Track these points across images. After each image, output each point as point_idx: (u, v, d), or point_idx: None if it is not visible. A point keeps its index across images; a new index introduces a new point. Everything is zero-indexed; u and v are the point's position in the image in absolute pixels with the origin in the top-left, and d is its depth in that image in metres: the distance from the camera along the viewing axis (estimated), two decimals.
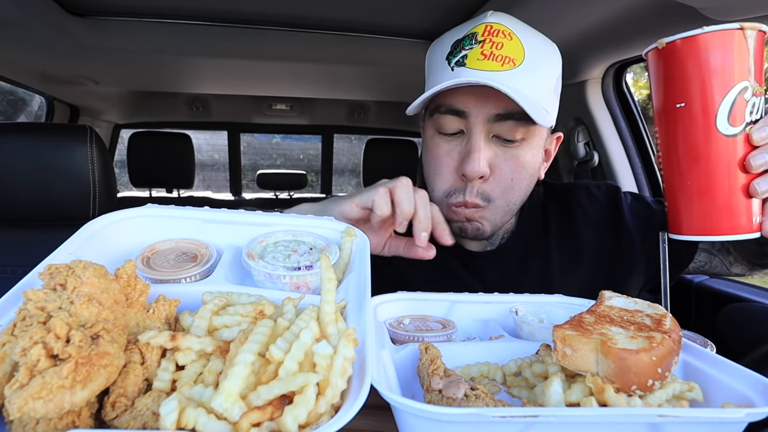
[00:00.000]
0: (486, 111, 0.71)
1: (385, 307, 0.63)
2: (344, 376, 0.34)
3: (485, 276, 0.87)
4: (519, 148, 0.74)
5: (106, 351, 0.34)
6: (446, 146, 0.76)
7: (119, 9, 1.40)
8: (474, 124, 0.72)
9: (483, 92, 0.69)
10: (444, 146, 0.76)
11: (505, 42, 0.69)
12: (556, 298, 0.66)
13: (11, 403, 0.30)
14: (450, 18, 1.42)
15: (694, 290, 1.46)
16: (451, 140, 0.75)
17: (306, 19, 1.47)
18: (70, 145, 1.09)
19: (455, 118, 0.73)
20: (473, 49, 0.70)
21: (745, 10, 0.93)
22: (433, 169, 0.78)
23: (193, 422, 0.31)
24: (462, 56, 0.70)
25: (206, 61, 1.77)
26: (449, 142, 0.75)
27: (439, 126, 0.75)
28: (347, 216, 0.66)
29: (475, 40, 0.70)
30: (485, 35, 0.70)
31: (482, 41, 0.70)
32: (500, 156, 0.73)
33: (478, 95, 0.70)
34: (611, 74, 1.57)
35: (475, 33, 0.71)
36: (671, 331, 0.43)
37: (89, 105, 2.53)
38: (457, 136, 0.75)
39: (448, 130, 0.75)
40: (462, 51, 0.71)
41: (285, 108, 2.82)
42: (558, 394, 0.40)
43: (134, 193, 2.96)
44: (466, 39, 0.72)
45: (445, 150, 0.76)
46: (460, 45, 0.72)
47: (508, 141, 0.73)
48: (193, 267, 0.54)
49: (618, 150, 1.62)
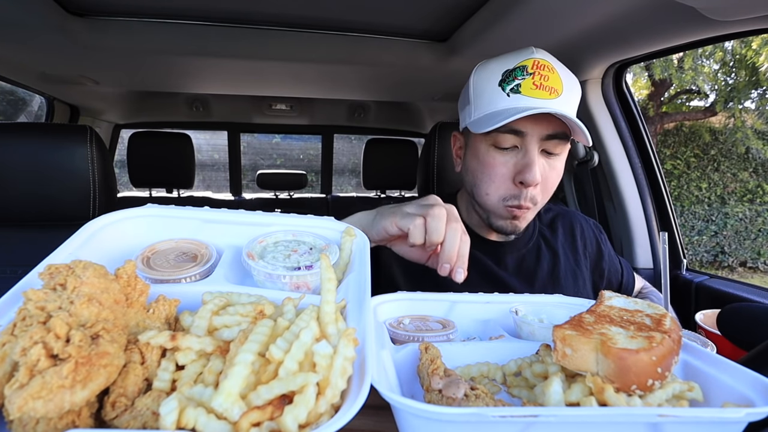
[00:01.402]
0: (539, 131, 0.85)
1: (385, 307, 0.63)
2: (344, 375, 0.34)
3: (506, 260, 1.00)
4: (557, 160, 0.90)
5: (106, 351, 0.34)
6: (502, 158, 0.88)
7: (119, 9, 1.39)
8: (530, 142, 0.85)
9: (538, 116, 0.83)
10: (500, 158, 0.88)
11: (550, 75, 0.84)
12: (556, 298, 0.66)
13: (11, 403, 0.30)
14: (450, 18, 1.42)
15: (694, 290, 1.46)
16: (506, 153, 0.88)
17: (306, 19, 1.47)
18: (70, 145, 1.09)
19: (513, 136, 0.86)
20: (525, 79, 0.83)
21: (745, 10, 0.93)
22: (489, 177, 0.90)
23: (193, 422, 0.31)
24: (516, 84, 0.84)
25: (206, 61, 1.77)
26: (504, 155, 0.88)
27: (497, 142, 0.87)
28: (388, 233, 0.72)
29: (526, 72, 0.84)
30: (534, 68, 0.84)
31: (532, 73, 0.83)
32: (546, 167, 0.88)
33: (534, 119, 0.83)
34: (611, 74, 1.57)
35: (525, 66, 0.85)
36: (671, 330, 0.43)
37: (89, 105, 2.53)
38: (510, 150, 0.88)
39: (505, 145, 0.87)
40: (515, 80, 0.84)
41: (285, 108, 2.82)
42: (558, 394, 0.40)
43: (134, 193, 2.95)
44: (518, 70, 0.85)
45: (501, 161, 0.88)
46: (513, 74, 0.85)
47: (551, 154, 0.88)
48: (193, 267, 0.54)
49: (618, 150, 1.62)
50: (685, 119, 7.03)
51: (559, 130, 0.85)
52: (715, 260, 6.62)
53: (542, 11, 1.17)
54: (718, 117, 6.88)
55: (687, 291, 1.48)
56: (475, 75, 0.93)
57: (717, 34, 1.14)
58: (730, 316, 0.76)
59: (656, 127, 7.05)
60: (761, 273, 6.53)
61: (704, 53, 6.29)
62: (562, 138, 0.86)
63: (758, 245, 6.49)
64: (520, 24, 1.26)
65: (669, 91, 7.08)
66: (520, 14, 1.21)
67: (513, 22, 1.25)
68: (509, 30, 1.30)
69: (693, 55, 6.22)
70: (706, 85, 6.49)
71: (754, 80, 6.03)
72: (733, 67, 6.31)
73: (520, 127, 0.85)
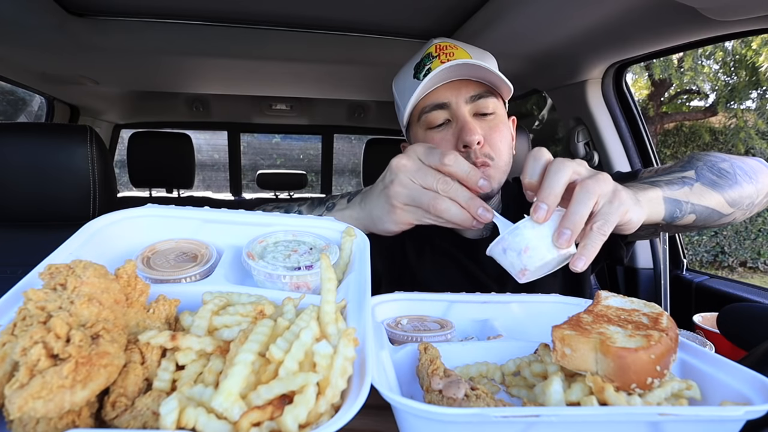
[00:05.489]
0: (463, 95, 0.87)
1: (383, 307, 0.63)
2: (344, 375, 0.34)
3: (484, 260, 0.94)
4: (494, 120, 0.89)
5: (106, 351, 0.34)
6: (439, 135, 0.89)
7: (119, 9, 1.39)
8: (457, 108, 0.87)
9: (455, 85, 0.87)
10: (437, 136, 0.89)
11: (455, 51, 0.88)
12: (552, 298, 0.67)
13: (11, 403, 0.30)
14: (450, 18, 1.42)
15: (694, 290, 1.46)
16: (441, 130, 0.89)
17: (306, 19, 1.47)
18: (70, 145, 1.09)
19: (440, 111, 0.88)
20: (433, 61, 0.87)
21: (745, 10, 0.93)
22: None
23: (193, 422, 0.31)
24: (426, 69, 0.87)
25: (206, 61, 1.77)
26: (440, 132, 0.89)
27: (429, 122, 0.89)
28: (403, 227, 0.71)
29: (431, 56, 0.88)
30: (438, 51, 0.88)
31: (437, 55, 0.87)
32: (485, 127, 0.88)
33: (452, 87, 0.87)
34: (611, 74, 1.57)
35: (429, 52, 0.89)
36: (668, 329, 0.43)
37: (89, 105, 2.53)
38: (444, 126, 0.89)
39: (437, 122, 0.89)
40: (425, 66, 0.87)
41: (285, 108, 2.82)
42: (558, 394, 0.40)
43: (134, 193, 2.95)
44: (425, 58, 0.89)
45: (440, 138, 0.89)
46: (422, 63, 0.89)
47: (485, 115, 0.89)
48: (193, 267, 0.54)
49: (618, 150, 1.62)
50: (685, 119, 7.02)
51: (481, 89, 0.88)
52: (715, 260, 6.61)
53: (542, 11, 1.17)
54: (719, 117, 6.88)
55: (687, 291, 1.48)
56: (394, 84, 0.99)
57: (717, 34, 1.14)
58: (730, 316, 0.76)
59: (656, 127, 7.05)
60: (761, 273, 6.53)
61: (704, 53, 6.29)
62: (488, 95, 0.88)
63: (758, 245, 6.49)
64: (520, 24, 1.26)
65: (669, 91, 7.08)
66: (519, 14, 1.21)
67: (513, 22, 1.25)
68: (509, 30, 1.30)
69: (693, 55, 6.22)
70: (706, 85, 6.49)
71: (754, 80, 6.02)
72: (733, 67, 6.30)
73: (443, 99, 0.87)
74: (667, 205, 0.73)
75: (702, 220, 0.79)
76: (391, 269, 0.98)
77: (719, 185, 0.79)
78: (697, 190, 0.77)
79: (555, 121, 4.64)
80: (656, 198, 0.72)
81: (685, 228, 0.83)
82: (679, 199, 0.74)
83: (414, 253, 0.99)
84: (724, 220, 0.81)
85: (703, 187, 0.78)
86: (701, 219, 0.78)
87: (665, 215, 0.73)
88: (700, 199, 0.77)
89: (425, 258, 0.99)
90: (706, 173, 0.80)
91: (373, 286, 0.51)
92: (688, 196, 0.76)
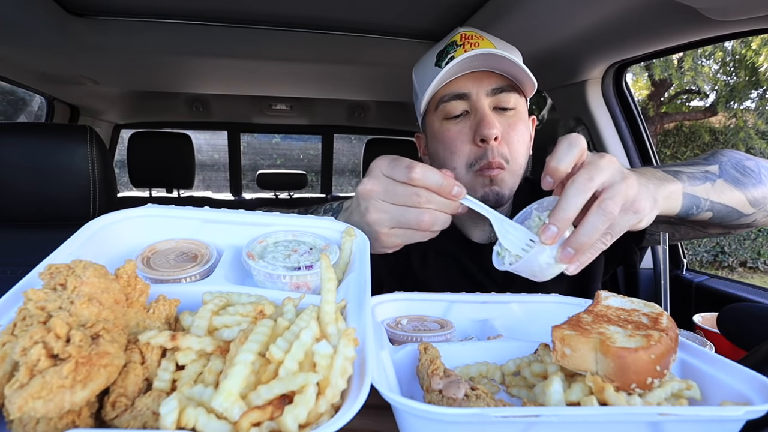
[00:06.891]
0: (484, 87, 0.85)
1: (383, 307, 0.63)
2: (344, 375, 0.34)
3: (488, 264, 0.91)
4: (515, 117, 0.87)
5: (106, 351, 0.34)
6: (456, 127, 0.87)
7: (119, 9, 1.39)
8: (477, 100, 0.85)
9: (477, 75, 0.85)
10: (454, 128, 0.87)
11: (480, 41, 0.85)
12: (552, 298, 0.67)
13: (11, 403, 0.30)
14: (450, 18, 1.42)
15: (694, 290, 1.46)
16: (459, 122, 0.87)
17: (306, 19, 1.47)
18: (70, 145, 1.09)
19: (459, 101, 0.86)
20: (457, 50, 0.84)
21: (745, 10, 0.93)
22: (450, 150, 0.87)
23: (193, 422, 0.31)
24: (449, 57, 0.83)
25: (206, 61, 1.77)
26: (458, 123, 0.87)
27: (447, 113, 0.87)
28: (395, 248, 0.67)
29: (456, 44, 0.85)
30: (463, 39, 0.85)
31: (462, 44, 0.84)
32: (504, 123, 0.86)
33: (474, 78, 0.85)
34: (611, 74, 1.57)
35: (454, 41, 0.86)
36: (668, 329, 0.43)
37: (89, 105, 2.53)
38: (462, 117, 0.87)
39: (455, 113, 0.86)
40: (448, 55, 0.84)
41: (285, 108, 2.82)
42: (558, 394, 0.40)
43: (134, 193, 2.95)
44: (448, 46, 0.86)
45: (456, 130, 0.86)
46: (445, 51, 0.86)
47: (505, 110, 0.86)
48: (193, 267, 0.54)
49: (618, 150, 1.62)
50: (685, 119, 7.02)
51: (504, 83, 0.86)
52: (715, 260, 6.61)
53: (542, 11, 1.17)
54: (718, 117, 6.88)
55: (687, 291, 1.48)
56: (415, 70, 0.96)
57: (717, 34, 1.14)
58: (730, 316, 0.76)
59: (656, 127, 7.05)
60: (761, 273, 6.53)
61: (704, 53, 6.29)
62: (510, 90, 0.86)
63: (758, 245, 6.49)
64: (520, 24, 1.26)
65: (669, 91, 7.08)
66: (519, 14, 1.21)
67: (512, 21, 1.25)
68: (509, 30, 1.30)
69: (693, 55, 6.22)
70: (706, 85, 6.49)
71: (753, 80, 6.02)
72: (732, 67, 6.30)
73: (463, 89, 0.85)
74: (684, 201, 0.71)
75: (719, 219, 0.76)
76: (394, 271, 0.96)
77: (742, 183, 0.77)
78: (719, 186, 0.75)
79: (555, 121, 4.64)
80: (675, 192, 0.69)
81: (700, 224, 0.81)
82: (699, 195, 0.73)
83: (418, 257, 0.97)
84: (744, 221, 0.79)
85: (726, 184, 0.76)
86: (718, 217, 0.76)
87: (681, 211, 0.71)
88: (720, 196, 0.75)
89: (429, 262, 0.97)
90: (730, 170, 0.78)
91: (373, 286, 0.51)
92: (708, 193, 0.74)
